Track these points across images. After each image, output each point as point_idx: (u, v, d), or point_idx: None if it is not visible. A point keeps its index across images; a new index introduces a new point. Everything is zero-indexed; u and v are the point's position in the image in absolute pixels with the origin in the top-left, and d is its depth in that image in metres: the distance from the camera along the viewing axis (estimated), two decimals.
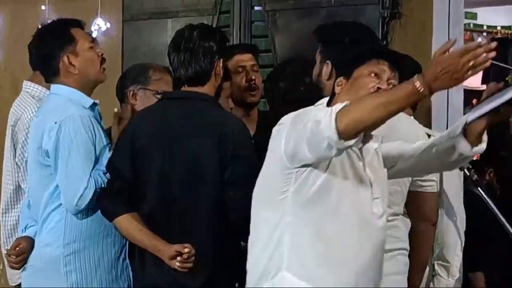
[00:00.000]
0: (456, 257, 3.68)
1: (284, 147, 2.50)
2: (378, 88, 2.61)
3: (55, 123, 3.28)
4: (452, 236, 3.68)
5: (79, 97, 3.39)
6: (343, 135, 2.34)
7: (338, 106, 2.37)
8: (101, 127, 3.43)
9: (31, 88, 3.90)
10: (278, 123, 2.61)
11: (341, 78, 2.69)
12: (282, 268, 2.53)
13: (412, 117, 3.66)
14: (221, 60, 3.27)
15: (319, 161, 2.47)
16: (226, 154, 3.10)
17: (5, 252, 3.60)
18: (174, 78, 3.34)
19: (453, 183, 3.66)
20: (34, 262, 3.43)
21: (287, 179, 2.52)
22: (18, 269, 3.53)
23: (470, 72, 2.27)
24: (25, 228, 3.52)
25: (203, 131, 3.15)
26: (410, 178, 3.09)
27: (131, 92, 3.74)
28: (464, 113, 2.59)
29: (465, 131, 2.52)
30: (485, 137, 2.57)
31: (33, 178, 3.47)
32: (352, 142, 2.36)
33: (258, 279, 2.58)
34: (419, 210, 3.19)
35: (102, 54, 3.49)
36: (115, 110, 3.69)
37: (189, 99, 3.23)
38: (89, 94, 3.47)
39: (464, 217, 3.72)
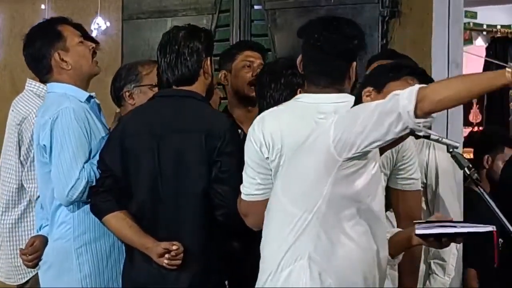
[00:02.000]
0: (452, 255, 3.68)
1: (334, 138, 2.49)
2: None
3: (49, 118, 3.29)
4: None
5: (75, 92, 3.40)
6: (420, 113, 2.39)
7: (416, 87, 2.41)
8: (100, 119, 3.43)
9: (36, 87, 3.90)
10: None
11: (370, 89, 2.74)
12: (305, 257, 2.52)
13: None
14: (209, 58, 3.27)
15: (378, 145, 2.48)
16: (213, 151, 3.11)
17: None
18: (163, 80, 3.32)
19: (448, 182, 3.65)
20: (47, 258, 3.44)
21: (329, 172, 2.51)
22: (33, 267, 3.54)
23: None
24: (40, 228, 3.54)
25: (191, 128, 3.16)
26: (384, 177, 3.03)
27: (127, 93, 3.73)
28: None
29: None
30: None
31: (38, 177, 3.49)
32: (423, 120, 2.42)
33: (277, 266, 2.56)
34: (401, 208, 3.15)
35: (93, 48, 3.49)
36: (117, 111, 3.69)
37: (178, 97, 3.24)
38: (85, 89, 3.47)
39: (460, 215, 3.72)
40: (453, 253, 3.68)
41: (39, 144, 3.34)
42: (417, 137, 3.20)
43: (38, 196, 3.60)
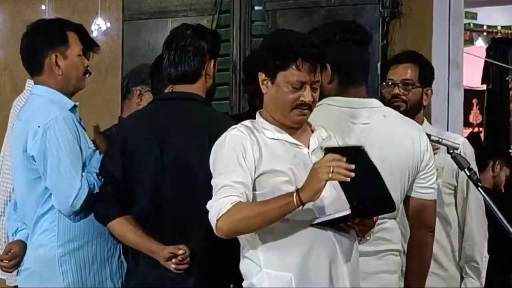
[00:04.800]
0: (484, 258, 3.68)
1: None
2: None
3: (39, 127, 3.24)
4: (480, 238, 3.67)
5: (60, 98, 3.35)
6: (220, 233, 2.64)
7: (224, 207, 2.58)
8: (83, 128, 3.40)
9: None
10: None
11: (263, 75, 2.75)
12: (261, 267, 2.67)
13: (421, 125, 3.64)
14: (213, 60, 3.25)
15: None
16: None
17: None
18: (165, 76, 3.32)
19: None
20: (28, 265, 3.40)
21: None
22: (11, 272, 3.52)
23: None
24: (16, 231, 3.49)
25: (194, 132, 3.13)
26: (405, 184, 3.05)
27: (138, 92, 3.73)
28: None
29: None
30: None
31: (19, 181, 3.43)
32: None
33: (250, 277, 2.73)
34: (417, 217, 3.12)
35: (87, 66, 3.46)
36: (95, 124, 3.65)
37: (179, 100, 3.22)
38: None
39: (484, 216, 3.72)
40: (484, 256, 3.69)
41: (26, 152, 3.29)
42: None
43: None
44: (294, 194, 2.51)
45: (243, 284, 2.76)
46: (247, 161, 2.64)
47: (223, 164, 2.66)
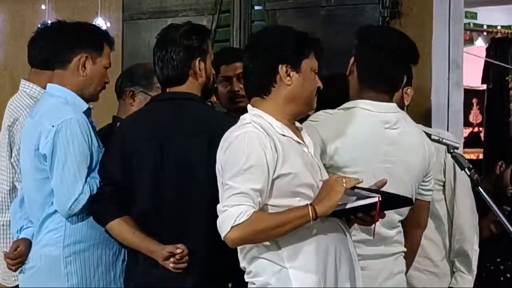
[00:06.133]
0: (474, 251, 3.70)
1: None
2: None
3: (52, 126, 3.24)
4: (470, 231, 3.69)
5: (76, 100, 3.35)
6: (230, 243, 2.61)
7: (240, 217, 2.54)
8: (95, 132, 3.40)
9: (29, 88, 3.86)
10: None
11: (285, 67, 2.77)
12: (283, 266, 2.68)
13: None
14: (199, 59, 3.19)
15: None
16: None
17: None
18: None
19: (465, 180, 3.65)
20: (33, 263, 3.41)
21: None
22: (15, 270, 3.52)
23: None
24: (21, 229, 3.50)
25: (193, 131, 3.13)
26: (417, 186, 3.15)
27: (131, 93, 3.72)
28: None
29: None
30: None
31: (28, 179, 3.43)
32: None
33: (265, 275, 2.72)
34: (415, 217, 3.23)
35: (107, 82, 3.48)
36: None
37: (177, 100, 3.20)
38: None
39: (474, 210, 3.73)
40: (475, 249, 3.70)
41: (38, 151, 3.29)
42: None
43: None
44: (309, 208, 2.54)
45: (255, 281, 2.75)
46: (268, 161, 2.62)
47: (242, 165, 2.61)
